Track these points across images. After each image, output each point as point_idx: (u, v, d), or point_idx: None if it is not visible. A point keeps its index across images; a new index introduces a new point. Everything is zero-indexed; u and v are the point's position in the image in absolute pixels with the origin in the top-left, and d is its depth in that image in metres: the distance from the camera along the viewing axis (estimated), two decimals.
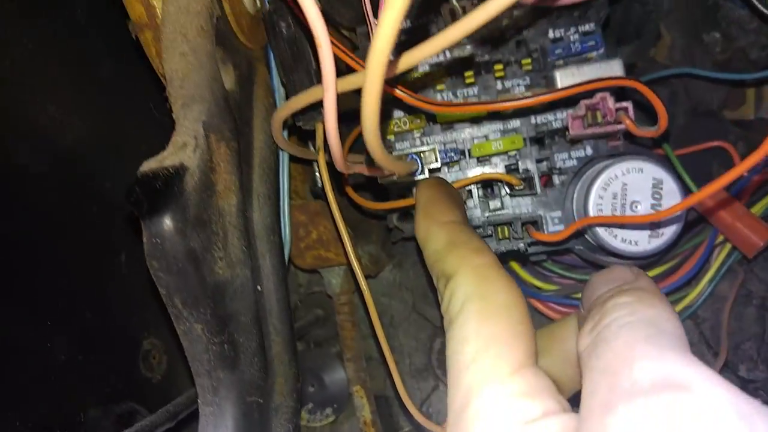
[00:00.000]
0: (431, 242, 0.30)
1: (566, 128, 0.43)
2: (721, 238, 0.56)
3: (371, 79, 0.21)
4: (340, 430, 0.63)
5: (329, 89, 0.25)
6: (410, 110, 0.46)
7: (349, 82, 0.29)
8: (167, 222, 0.30)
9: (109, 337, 0.44)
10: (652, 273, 0.57)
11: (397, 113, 0.46)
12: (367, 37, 0.45)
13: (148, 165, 0.31)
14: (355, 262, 0.37)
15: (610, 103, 0.42)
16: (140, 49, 0.37)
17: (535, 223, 0.45)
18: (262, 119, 0.39)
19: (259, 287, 0.38)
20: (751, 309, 0.60)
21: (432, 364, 0.59)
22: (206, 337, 0.32)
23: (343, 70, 0.31)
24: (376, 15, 0.37)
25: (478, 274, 0.26)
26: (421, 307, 0.60)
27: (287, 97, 0.40)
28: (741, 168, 0.29)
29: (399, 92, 0.36)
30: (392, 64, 0.26)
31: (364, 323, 0.59)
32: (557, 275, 0.58)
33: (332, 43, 0.35)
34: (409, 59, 0.25)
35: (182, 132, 0.32)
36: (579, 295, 0.60)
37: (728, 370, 0.60)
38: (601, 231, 0.44)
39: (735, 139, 0.65)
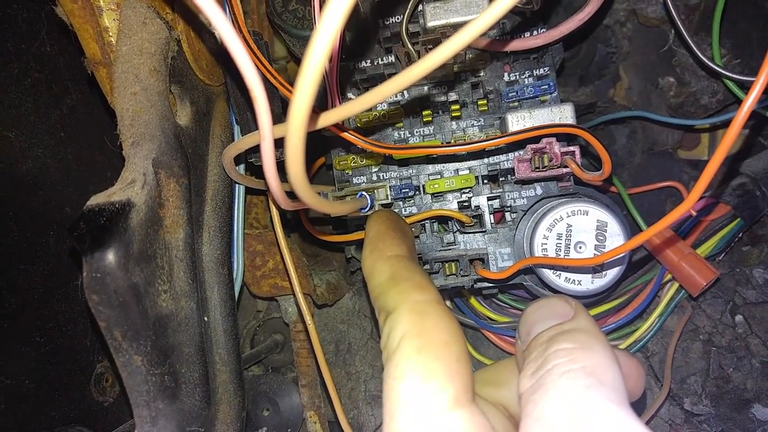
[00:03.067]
0: (375, 276, 0.30)
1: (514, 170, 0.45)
2: (669, 275, 0.58)
3: (292, 141, 0.23)
4: None
5: (266, 138, 0.27)
6: None
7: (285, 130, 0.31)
8: (110, 257, 0.30)
9: (61, 361, 0.45)
10: (605, 307, 0.59)
11: (356, 149, 0.48)
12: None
13: (96, 200, 0.32)
14: (301, 299, 0.37)
15: (557, 147, 0.43)
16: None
17: (482, 259, 0.47)
18: (218, 154, 0.40)
19: (206, 318, 0.39)
20: (698, 344, 0.62)
21: None
22: (146, 369, 0.33)
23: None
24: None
25: (418, 311, 0.26)
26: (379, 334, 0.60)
27: (242, 133, 0.41)
28: (672, 216, 0.30)
29: (349, 136, 0.38)
30: (314, 118, 0.27)
31: (323, 348, 0.60)
32: (510, 306, 0.59)
33: (282, 85, 0.37)
34: (329, 118, 0.27)
35: (131, 169, 0.33)
36: None
37: (674, 403, 0.61)
38: (545, 270, 0.46)
39: (688, 179, 0.67)
